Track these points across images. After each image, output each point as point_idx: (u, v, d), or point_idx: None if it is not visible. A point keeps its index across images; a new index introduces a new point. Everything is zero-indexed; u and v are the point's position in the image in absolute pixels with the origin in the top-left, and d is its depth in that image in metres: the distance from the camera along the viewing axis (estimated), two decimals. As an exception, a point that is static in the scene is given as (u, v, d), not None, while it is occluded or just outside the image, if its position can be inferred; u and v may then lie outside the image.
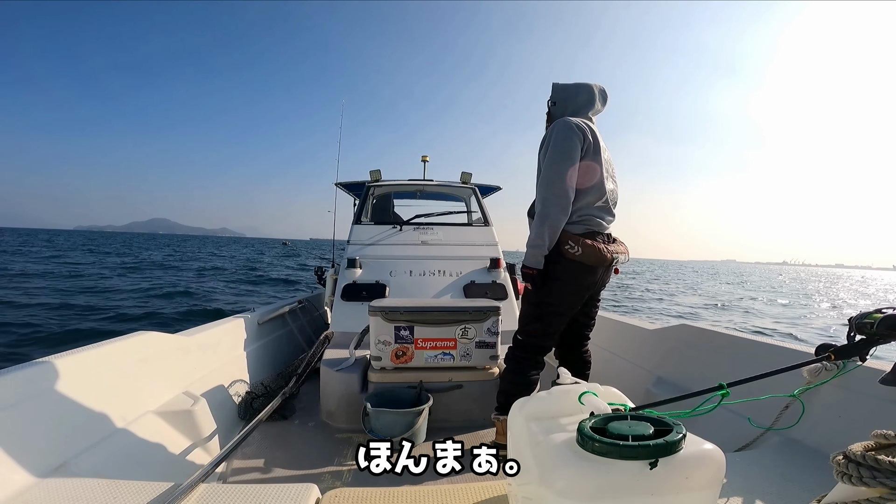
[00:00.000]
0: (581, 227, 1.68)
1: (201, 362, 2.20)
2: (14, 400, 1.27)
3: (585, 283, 1.71)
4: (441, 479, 1.72)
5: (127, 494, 1.12)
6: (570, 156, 1.63)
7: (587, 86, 1.80)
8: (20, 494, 1.11)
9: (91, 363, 1.58)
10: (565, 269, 1.68)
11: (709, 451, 0.79)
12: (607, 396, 1.00)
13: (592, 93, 1.79)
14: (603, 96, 1.82)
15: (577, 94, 1.79)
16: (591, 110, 1.80)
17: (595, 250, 1.64)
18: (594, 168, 1.68)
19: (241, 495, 1.13)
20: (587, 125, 1.72)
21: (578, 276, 1.68)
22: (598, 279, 1.75)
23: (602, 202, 1.71)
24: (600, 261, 1.66)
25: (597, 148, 1.70)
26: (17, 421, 1.25)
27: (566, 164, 1.63)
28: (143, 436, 1.60)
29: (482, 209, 3.79)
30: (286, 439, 2.06)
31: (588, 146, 1.68)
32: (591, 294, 1.82)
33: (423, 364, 2.21)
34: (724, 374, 1.55)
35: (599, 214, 1.72)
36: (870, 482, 0.60)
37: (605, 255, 1.65)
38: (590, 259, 1.65)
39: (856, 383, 1.44)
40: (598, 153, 1.70)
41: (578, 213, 1.69)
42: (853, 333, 1.49)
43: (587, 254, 1.64)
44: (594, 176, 1.68)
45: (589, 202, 1.69)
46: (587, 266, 1.66)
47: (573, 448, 0.81)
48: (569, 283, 1.70)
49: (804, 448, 1.44)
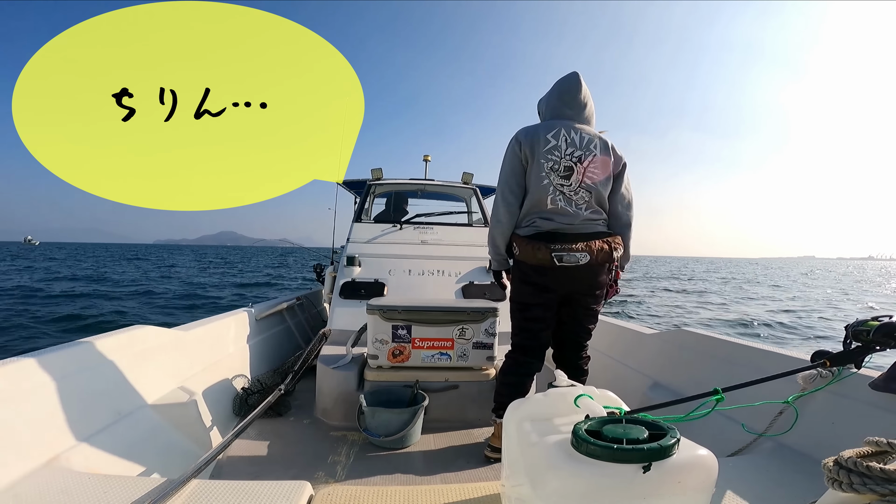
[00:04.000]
0: (526, 231, 1.77)
1: (197, 357, 2.20)
2: (6, 393, 1.26)
3: (539, 282, 1.75)
4: (434, 479, 1.73)
5: (119, 489, 1.12)
6: (507, 167, 1.79)
7: (551, 89, 1.84)
8: (11, 488, 1.11)
9: (86, 356, 1.58)
10: (516, 268, 1.84)
11: (702, 456, 0.80)
12: (603, 400, 1.01)
13: (552, 95, 1.82)
14: (562, 92, 1.79)
15: (545, 101, 1.86)
16: (560, 112, 1.79)
17: (530, 251, 1.70)
18: (536, 173, 1.73)
19: (234, 491, 1.13)
20: (538, 129, 1.75)
21: (527, 274, 1.78)
22: (558, 279, 1.72)
23: (550, 204, 1.72)
24: (540, 261, 1.69)
25: (537, 152, 1.72)
26: (9, 413, 1.24)
27: (502, 176, 1.81)
28: (137, 430, 1.60)
29: (482, 210, 3.79)
30: (281, 436, 2.06)
31: (527, 153, 1.74)
32: (568, 297, 1.78)
33: (420, 363, 2.21)
34: (719, 379, 1.56)
35: (547, 216, 1.73)
36: (860, 489, 0.61)
37: (542, 254, 1.67)
38: (529, 259, 1.72)
39: (850, 390, 1.45)
40: (541, 157, 1.71)
41: (525, 219, 1.79)
42: (849, 341, 1.49)
43: (524, 254, 1.73)
44: (538, 180, 1.73)
45: (532, 206, 1.75)
46: (531, 265, 1.73)
47: (567, 450, 0.82)
48: (520, 281, 1.82)
49: (797, 454, 1.45)
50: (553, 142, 1.72)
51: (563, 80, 1.81)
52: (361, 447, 1.95)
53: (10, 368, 1.31)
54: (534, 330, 1.82)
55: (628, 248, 1.83)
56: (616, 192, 1.81)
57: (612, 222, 1.82)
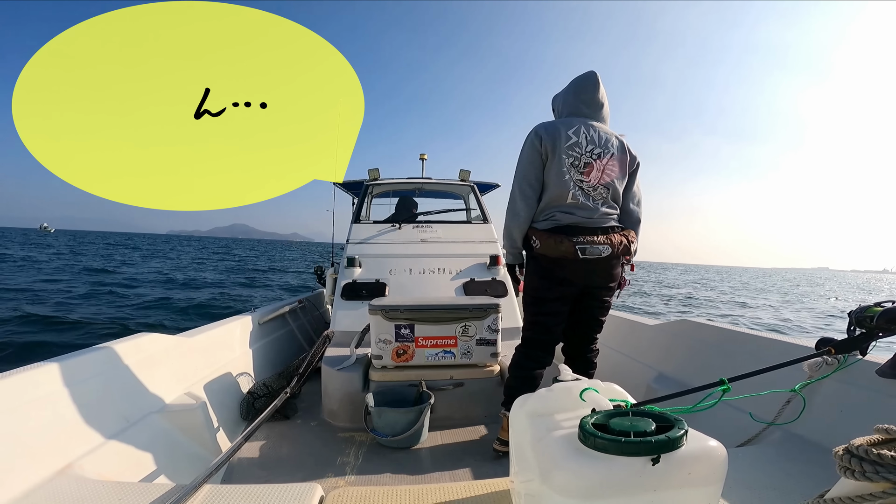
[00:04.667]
0: (546, 224, 1.78)
1: (203, 363, 2.20)
2: (18, 402, 1.26)
3: (559, 275, 1.76)
4: (444, 476, 1.73)
5: (132, 496, 1.12)
6: (525, 161, 1.80)
7: (568, 86, 1.87)
8: (26, 496, 1.11)
9: (93, 365, 1.58)
10: (534, 263, 1.85)
11: (711, 447, 0.79)
12: (608, 393, 1.00)
13: (568, 92, 1.85)
14: (580, 91, 1.81)
15: (562, 98, 1.89)
16: (577, 110, 1.82)
17: (552, 244, 1.72)
18: (557, 168, 1.74)
19: (245, 495, 1.13)
20: (558, 126, 1.76)
21: (545, 267, 1.79)
22: (578, 272, 1.74)
23: (570, 199, 1.74)
24: (563, 253, 1.70)
25: (558, 148, 1.73)
26: (21, 423, 1.25)
27: (520, 169, 1.81)
28: (147, 437, 1.60)
29: (481, 206, 3.78)
30: (289, 439, 2.07)
31: (548, 148, 1.75)
32: (585, 290, 1.81)
33: (424, 362, 2.21)
34: (724, 369, 1.56)
35: (568, 210, 1.75)
36: (873, 477, 0.60)
37: (565, 247, 1.70)
38: (550, 251, 1.73)
39: (856, 377, 1.45)
40: (562, 152, 1.73)
41: (543, 213, 1.80)
42: (853, 327, 1.49)
43: (546, 247, 1.74)
44: (558, 175, 1.74)
45: (551, 200, 1.77)
46: (551, 258, 1.75)
47: (575, 444, 0.81)
48: (537, 274, 1.83)
49: (806, 443, 1.45)
50: (574, 138, 1.74)
51: (580, 78, 1.83)
52: (369, 447, 1.96)
53: (20, 378, 1.31)
54: (548, 324, 1.84)
55: (636, 243, 1.89)
56: (629, 189, 1.88)
57: (624, 218, 1.88)
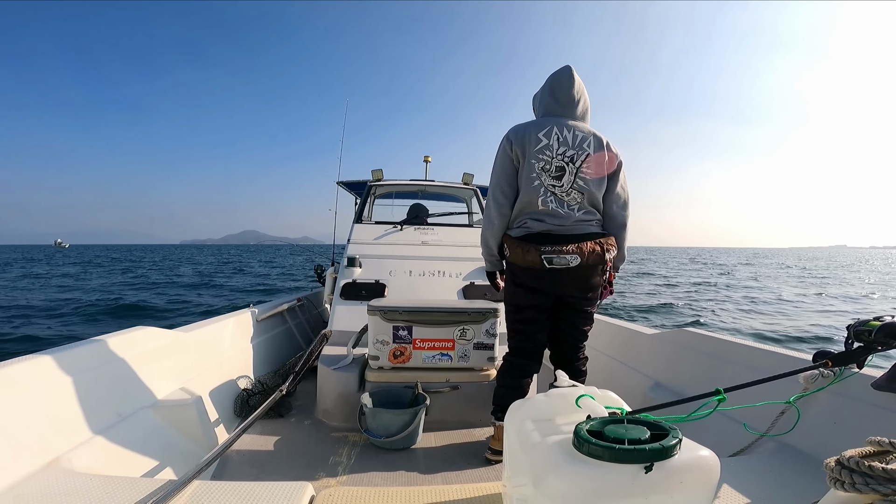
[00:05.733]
0: (518, 232, 1.74)
1: (199, 358, 2.20)
2: (8, 394, 1.26)
3: (531, 284, 1.73)
4: (436, 479, 1.73)
5: (120, 490, 1.12)
6: (498, 167, 1.76)
7: (544, 84, 1.80)
8: (12, 489, 1.11)
9: (87, 358, 1.58)
10: (508, 270, 1.83)
11: (704, 457, 0.80)
12: (604, 400, 1.01)
13: (545, 91, 1.79)
14: (554, 88, 1.75)
15: (539, 97, 1.83)
16: (551, 109, 1.75)
17: (520, 253, 1.68)
18: (527, 173, 1.70)
19: (235, 492, 1.13)
20: (529, 128, 1.71)
21: (519, 275, 1.76)
22: (546, 282, 1.70)
23: (541, 206, 1.69)
24: (530, 263, 1.66)
25: (528, 152, 1.68)
26: (10, 415, 1.24)
27: (494, 176, 1.78)
28: (139, 431, 1.60)
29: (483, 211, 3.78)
30: (282, 437, 2.06)
31: (518, 152, 1.71)
32: (561, 299, 1.77)
33: (421, 364, 2.21)
34: (721, 379, 1.56)
35: (538, 217, 1.70)
36: (862, 489, 0.60)
37: (532, 257, 1.65)
38: (518, 261, 1.70)
39: (852, 390, 1.45)
40: (531, 157, 1.68)
41: (516, 220, 1.77)
42: (851, 341, 1.49)
43: (515, 256, 1.72)
44: (528, 181, 1.70)
45: (523, 207, 1.73)
46: (522, 267, 1.72)
47: (569, 450, 0.82)
48: (512, 282, 1.81)
49: (799, 454, 1.45)
50: (545, 141, 1.68)
51: (554, 74, 1.76)
52: (362, 448, 1.95)
53: (11, 370, 1.31)
54: (528, 332, 1.81)
55: (623, 249, 1.81)
56: (611, 191, 1.77)
57: (607, 223, 1.79)
